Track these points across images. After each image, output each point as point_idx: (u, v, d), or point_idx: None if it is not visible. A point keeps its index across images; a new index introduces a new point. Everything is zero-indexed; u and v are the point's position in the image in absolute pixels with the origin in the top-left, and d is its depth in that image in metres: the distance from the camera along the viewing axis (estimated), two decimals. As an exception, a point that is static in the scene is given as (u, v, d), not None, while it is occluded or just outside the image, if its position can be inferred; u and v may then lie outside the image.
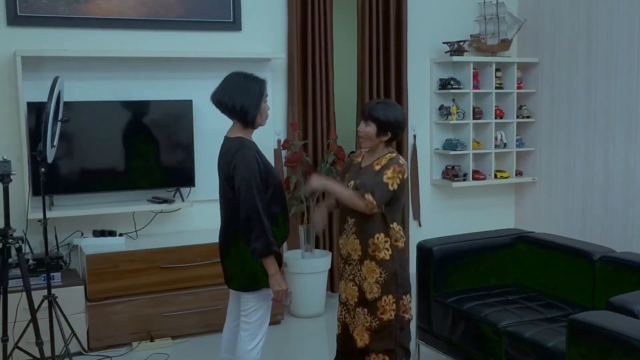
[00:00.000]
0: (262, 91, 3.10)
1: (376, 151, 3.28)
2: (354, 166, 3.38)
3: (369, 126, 3.19)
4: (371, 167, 3.23)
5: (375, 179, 3.16)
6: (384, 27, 5.48)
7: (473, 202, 6.07)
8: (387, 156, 3.25)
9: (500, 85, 5.90)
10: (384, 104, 3.25)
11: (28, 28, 4.51)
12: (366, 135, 3.21)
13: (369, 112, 3.20)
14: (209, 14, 4.98)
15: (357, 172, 3.30)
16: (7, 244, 3.53)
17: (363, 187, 3.16)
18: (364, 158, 3.35)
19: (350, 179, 3.28)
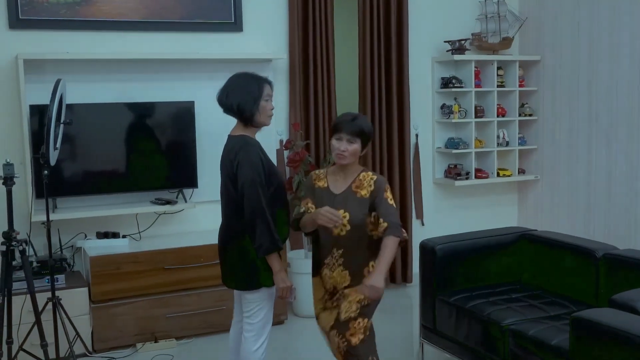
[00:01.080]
0: (261, 89, 3.11)
1: (349, 170, 3.00)
2: (321, 192, 3.02)
3: (355, 143, 2.93)
4: (352, 194, 2.96)
5: (387, 209, 2.92)
6: (385, 26, 5.48)
7: (476, 201, 6.07)
8: (366, 177, 2.99)
9: (502, 83, 5.90)
10: (359, 117, 3.02)
11: (30, 31, 4.52)
12: (353, 154, 2.94)
13: (353, 128, 2.93)
14: (210, 15, 4.98)
15: (334, 201, 2.96)
16: (11, 246, 3.54)
17: (390, 225, 2.89)
18: (329, 181, 3.03)
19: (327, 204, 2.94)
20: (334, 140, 2.96)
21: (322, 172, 3.10)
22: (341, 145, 2.93)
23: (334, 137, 2.97)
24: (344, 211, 2.92)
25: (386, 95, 5.51)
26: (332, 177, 3.04)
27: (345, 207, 2.94)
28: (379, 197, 2.94)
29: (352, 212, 2.93)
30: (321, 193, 3.03)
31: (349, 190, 2.97)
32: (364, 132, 2.95)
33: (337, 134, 2.95)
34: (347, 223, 2.93)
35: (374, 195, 2.94)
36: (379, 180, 2.99)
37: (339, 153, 2.94)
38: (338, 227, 2.91)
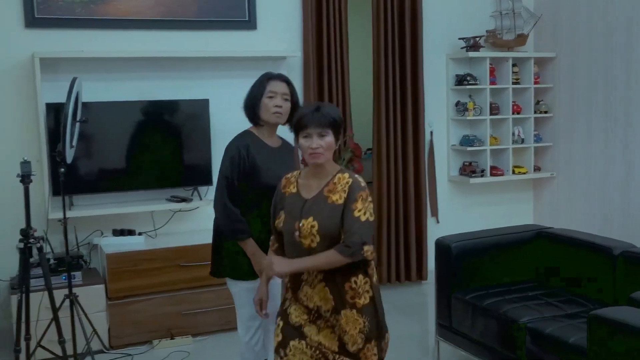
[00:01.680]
0: (263, 87, 3.14)
1: (323, 171, 2.60)
2: (291, 199, 2.65)
3: (327, 135, 2.54)
4: (323, 199, 2.56)
5: (352, 225, 2.49)
6: (399, 23, 5.46)
7: (491, 198, 6.04)
8: (341, 179, 2.57)
9: (517, 80, 5.86)
10: (324, 105, 2.63)
11: (46, 30, 4.55)
12: (328, 148, 2.56)
13: (322, 119, 2.54)
14: (224, 13, 4.99)
15: (303, 208, 2.58)
16: (29, 243, 3.56)
17: (349, 243, 2.49)
18: (300, 185, 2.65)
19: (296, 218, 2.58)
20: (301, 139, 2.56)
21: (292, 176, 2.71)
22: (312, 143, 2.52)
23: (300, 135, 2.56)
24: (313, 219, 2.52)
25: (400, 92, 5.49)
26: (304, 180, 2.65)
27: (314, 215, 2.53)
28: (347, 207, 2.51)
29: (320, 221, 2.52)
30: (290, 200, 2.64)
31: (320, 195, 2.57)
32: (335, 121, 2.57)
33: (303, 131, 2.55)
34: (316, 233, 2.53)
35: (346, 202, 2.53)
36: (354, 184, 2.55)
37: (311, 152, 2.53)
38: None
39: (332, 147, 2.57)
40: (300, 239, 2.55)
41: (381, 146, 5.44)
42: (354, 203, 2.51)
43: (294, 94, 3.22)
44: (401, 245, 5.56)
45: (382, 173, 5.45)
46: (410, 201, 5.54)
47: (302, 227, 2.56)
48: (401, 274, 5.57)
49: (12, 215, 4.25)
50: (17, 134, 4.51)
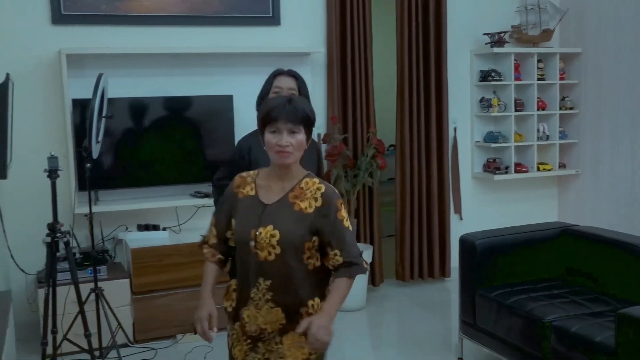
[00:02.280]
0: (269, 83, 3.17)
1: (288, 173, 2.28)
2: (246, 202, 2.30)
3: (298, 133, 2.22)
4: (288, 205, 2.24)
5: (345, 237, 2.22)
6: (423, 19, 5.43)
7: (515, 195, 5.99)
8: (310, 185, 2.27)
9: (542, 76, 5.81)
10: (296, 98, 2.33)
11: (72, 26, 4.59)
12: (298, 147, 2.23)
13: (294, 114, 2.22)
14: (248, 9, 5.00)
15: (262, 215, 2.25)
16: (56, 238, 3.60)
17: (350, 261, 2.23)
18: (258, 187, 2.31)
19: (253, 225, 2.24)
20: (267, 134, 2.22)
21: (249, 176, 2.36)
22: (281, 139, 2.20)
23: (267, 130, 2.23)
24: (273, 228, 2.20)
25: (424, 88, 5.46)
26: (263, 181, 2.31)
27: (274, 223, 2.21)
28: (330, 219, 2.22)
29: (283, 230, 2.20)
30: (245, 203, 2.29)
31: (285, 200, 2.25)
32: (308, 118, 2.25)
33: (271, 125, 2.21)
34: (276, 244, 2.19)
35: (323, 213, 2.22)
36: (330, 192, 2.26)
37: (279, 151, 2.21)
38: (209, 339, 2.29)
39: (302, 147, 2.25)
40: (256, 250, 2.21)
41: (404, 142, 5.42)
42: (338, 212, 2.23)
43: (302, 89, 3.20)
44: (424, 242, 5.54)
45: (405, 170, 5.43)
46: (434, 198, 5.52)
47: (259, 236, 2.21)
48: (424, 271, 5.55)
49: (39, 210, 4.30)
50: (44, 129, 4.56)
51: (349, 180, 5.02)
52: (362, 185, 5.13)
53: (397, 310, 5.21)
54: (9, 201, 4.32)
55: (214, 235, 2.39)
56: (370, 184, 5.11)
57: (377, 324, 5.02)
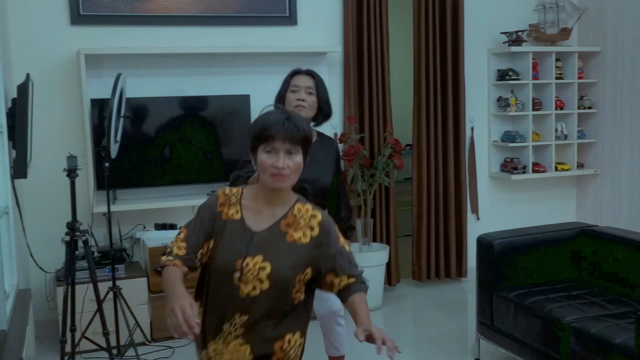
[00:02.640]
0: (287, 82, 3.18)
1: (279, 197, 2.08)
2: (231, 227, 2.05)
3: (297, 155, 2.02)
4: (280, 236, 2.04)
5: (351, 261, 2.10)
6: (440, 18, 5.41)
7: (533, 195, 5.95)
8: (304, 212, 2.09)
9: (561, 75, 5.77)
10: (293, 115, 2.08)
11: (90, 27, 4.62)
12: (295, 169, 2.03)
13: (294, 133, 2.00)
14: (265, 8, 5.01)
15: (249, 244, 2.02)
16: (75, 236, 3.62)
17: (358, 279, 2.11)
18: (244, 210, 2.07)
19: (239, 254, 2.01)
20: (262, 153, 2.00)
21: (234, 194, 2.09)
22: (278, 161, 1.98)
23: (262, 148, 2.00)
24: (263, 259, 1.99)
25: (441, 87, 5.44)
26: (250, 204, 2.08)
27: (265, 254, 2.00)
28: (332, 248, 2.06)
29: (276, 263, 2.00)
30: (231, 228, 2.05)
31: (276, 230, 2.05)
32: (307, 139, 2.05)
33: (267, 144, 1.99)
34: (265, 278, 1.98)
35: (320, 242, 2.05)
36: (327, 220, 2.11)
37: (275, 173, 1.99)
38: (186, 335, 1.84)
39: (299, 170, 2.04)
40: (239, 284, 1.98)
41: (421, 142, 5.40)
42: (339, 240, 2.09)
43: (319, 88, 3.20)
44: (441, 242, 5.52)
45: (422, 169, 5.41)
46: (450, 198, 5.50)
47: (245, 268, 1.99)
48: (440, 271, 5.53)
49: (58, 209, 4.33)
50: (63, 129, 4.59)
51: (366, 180, 5.01)
52: (378, 184, 5.12)
53: (414, 310, 5.20)
54: (28, 200, 4.35)
55: (182, 248, 2.04)
56: (387, 183, 5.11)
57: (394, 324, 5.01)
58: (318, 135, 3.26)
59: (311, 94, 3.15)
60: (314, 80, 3.19)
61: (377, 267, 5.02)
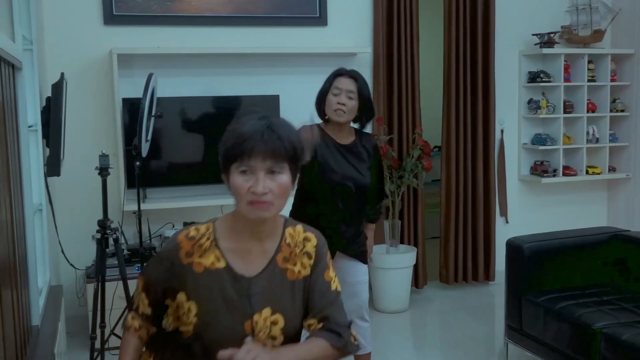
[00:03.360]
0: (329, 83, 3.18)
1: (264, 226, 1.67)
2: (213, 278, 1.65)
3: (282, 173, 1.61)
4: (280, 274, 1.68)
5: (333, 302, 1.71)
6: (471, 19, 5.38)
7: (563, 199, 5.88)
8: (295, 237, 1.72)
9: (593, 77, 5.69)
10: (280, 122, 1.65)
11: (123, 27, 4.67)
12: (281, 193, 1.62)
13: (277, 144, 1.59)
14: (295, 9, 5.02)
15: (251, 295, 1.65)
16: (106, 234, 3.66)
17: (335, 318, 1.71)
18: (225, 251, 1.68)
19: (243, 313, 1.63)
20: (235, 175, 1.61)
21: (203, 235, 1.69)
22: (257, 185, 1.57)
23: (235, 168, 1.62)
24: (272, 312, 1.63)
25: (471, 89, 5.41)
26: (232, 244, 1.67)
27: (273, 305, 1.64)
28: (317, 278, 1.71)
29: (288, 314, 1.65)
30: (215, 282, 1.63)
31: (274, 269, 1.67)
32: (295, 152, 1.62)
33: (241, 162, 1.60)
34: (279, 334, 1.65)
35: (315, 270, 1.72)
36: (321, 244, 1.75)
37: (254, 200, 1.58)
38: None
39: (286, 193, 1.62)
40: None
41: (450, 144, 5.37)
42: (326, 272, 1.72)
43: (363, 91, 3.19)
44: (469, 244, 5.48)
45: (451, 171, 5.38)
46: (479, 200, 5.46)
47: (257, 328, 1.62)
48: (468, 274, 5.50)
49: (89, 207, 4.38)
50: (95, 128, 4.65)
51: (394, 182, 5.00)
52: (406, 186, 5.10)
53: (441, 313, 5.18)
54: (60, 198, 4.42)
55: (145, 304, 1.74)
56: (415, 185, 5.09)
57: (420, 327, 4.99)
58: (356, 133, 3.28)
59: (352, 98, 3.15)
60: (356, 83, 3.19)
61: (405, 269, 5.00)
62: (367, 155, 3.28)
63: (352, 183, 3.19)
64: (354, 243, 3.31)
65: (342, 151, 3.21)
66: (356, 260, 3.32)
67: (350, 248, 3.30)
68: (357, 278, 3.32)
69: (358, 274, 3.33)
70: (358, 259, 3.33)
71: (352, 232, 3.28)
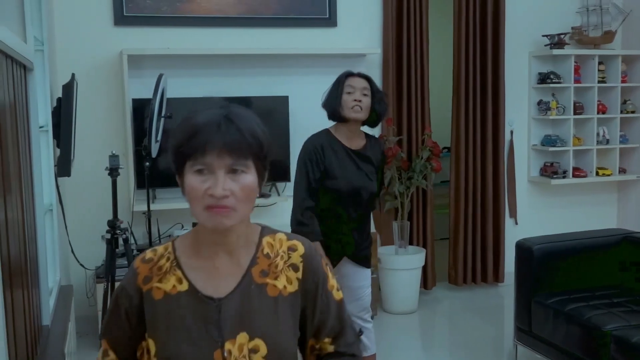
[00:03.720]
0: (341, 83, 3.19)
1: (230, 236, 1.40)
2: (176, 304, 1.39)
3: (247, 172, 1.35)
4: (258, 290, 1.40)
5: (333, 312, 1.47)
6: (481, 20, 5.36)
7: (573, 200, 5.86)
8: (277, 244, 1.45)
9: (603, 79, 5.67)
10: (241, 113, 1.42)
11: (133, 27, 4.69)
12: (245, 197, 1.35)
13: (237, 138, 1.34)
14: (305, 10, 5.03)
15: (221, 320, 1.37)
16: (115, 234, 3.68)
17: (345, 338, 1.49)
18: (187, 270, 1.42)
19: (211, 341, 1.36)
20: (189, 175, 1.33)
21: (161, 256, 1.43)
22: (215, 186, 1.31)
23: (189, 167, 1.34)
24: (250, 337, 1.37)
25: (481, 90, 5.39)
26: (196, 261, 1.42)
27: (250, 328, 1.38)
28: (318, 294, 1.45)
29: (269, 337, 1.38)
30: (177, 308, 1.39)
31: (249, 286, 1.40)
32: (260, 145, 1.38)
33: (195, 160, 1.33)
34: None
35: (307, 286, 1.44)
36: (310, 252, 1.46)
37: (212, 205, 1.31)
38: None
39: (251, 197, 1.35)
40: None
41: (459, 145, 5.36)
42: (327, 282, 1.47)
43: (374, 89, 3.22)
44: (478, 246, 5.47)
45: (460, 172, 5.37)
46: (489, 201, 5.44)
47: (230, 357, 1.35)
48: (477, 276, 5.48)
49: (99, 207, 4.40)
50: (105, 128, 4.67)
51: (403, 183, 4.99)
52: (415, 187, 5.09)
53: (449, 314, 5.17)
54: (70, 198, 4.44)
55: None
56: (425, 186, 5.08)
57: (429, 328, 4.98)
58: (366, 137, 3.29)
59: (366, 95, 3.19)
60: (368, 82, 3.22)
61: (413, 270, 5.00)
62: (375, 159, 3.30)
63: (364, 191, 3.21)
64: (361, 248, 3.31)
65: (353, 157, 3.21)
66: (360, 265, 3.31)
67: (357, 254, 3.29)
68: (360, 283, 3.31)
69: (361, 279, 3.32)
70: (362, 264, 3.32)
71: (361, 237, 3.30)
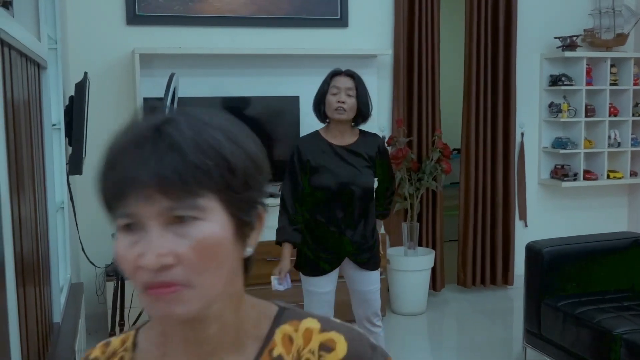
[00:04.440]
0: (326, 83, 3.19)
1: (214, 324, 0.89)
2: None
3: (202, 217, 0.82)
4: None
5: None
6: (492, 21, 5.35)
7: (583, 203, 5.84)
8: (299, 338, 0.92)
9: (615, 81, 5.64)
10: (187, 120, 0.86)
11: (145, 27, 4.71)
12: (205, 256, 0.83)
13: (176, 163, 0.81)
14: (316, 11, 5.03)
15: None
16: (126, 232, 3.68)
17: None
18: None
19: None
20: (118, 236, 0.86)
21: (115, 351, 0.98)
22: (146, 254, 0.81)
23: (115, 220, 0.87)
24: None
25: (492, 92, 5.38)
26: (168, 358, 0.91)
27: None
28: None
29: None
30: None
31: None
32: (228, 167, 0.85)
33: (117, 210, 0.87)
34: None
35: None
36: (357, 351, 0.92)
37: (150, 284, 0.83)
38: None
39: (217, 256, 0.85)
40: None
41: (470, 146, 5.35)
42: None
43: (359, 88, 3.16)
44: (487, 248, 5.45)
45: (470, 174, 5.36)
46: (498, 204, 5.43)
47: None
48: (486, 278, 5.47)
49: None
50: (115, 126, 4.67)
51: (413, 184, 4.99)
52: (425, 189, 5.09)
53: (458, 316, 5.16)
54: (81, 195, 4.45)
55: None
56: (434, 187, 5.07)
57: (437, 329, 4.98)
58: (360, 133, 3.26)
59: (351, 95, 3.13)
60: (353, 81, 3.18)
61: (422, 271, 4.99)
62: (368, 155, 3.22)
63: (354, 185, 3.17)
64: (363, 248, 3.24)
65: (340, 153, 3.19)
66: (366, 269, 3.26)
67: (359, 255, 3.24)
68: (369, 287, 3.27)
69: (369, 283, 3.27)
70: (368, 267, 3.26)
71: (360, 236, 3.22)
